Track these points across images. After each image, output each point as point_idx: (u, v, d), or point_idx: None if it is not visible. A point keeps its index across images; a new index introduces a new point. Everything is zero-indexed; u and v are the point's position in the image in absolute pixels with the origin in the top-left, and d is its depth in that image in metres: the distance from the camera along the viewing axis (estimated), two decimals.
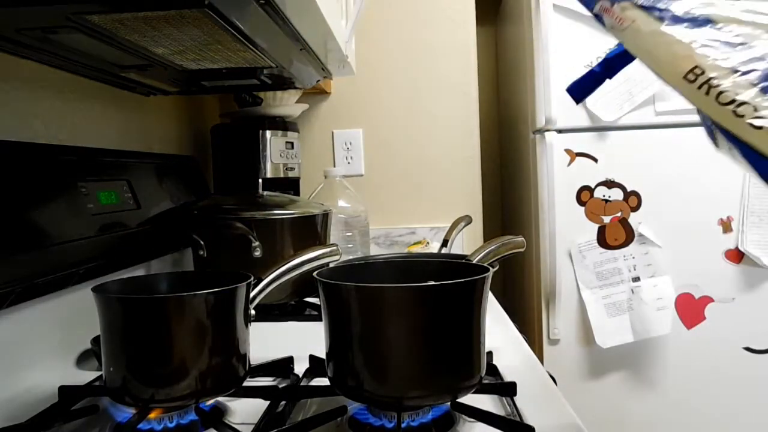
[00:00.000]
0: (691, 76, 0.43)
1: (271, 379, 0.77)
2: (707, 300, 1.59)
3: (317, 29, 0.89)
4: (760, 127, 0.41)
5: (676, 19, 0.46)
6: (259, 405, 0.65)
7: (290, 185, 1.51)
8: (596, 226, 1.59)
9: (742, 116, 0.41)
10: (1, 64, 0.81)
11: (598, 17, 0.53)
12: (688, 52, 0.44)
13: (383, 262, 0.80)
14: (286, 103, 1.49)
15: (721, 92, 0.42)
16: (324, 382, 0.67)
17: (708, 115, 0.44)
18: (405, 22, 1.70)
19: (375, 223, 1.66)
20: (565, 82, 0.62)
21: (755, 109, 0.41)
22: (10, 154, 0.78)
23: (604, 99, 1.56)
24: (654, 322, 1.56)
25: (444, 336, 0.58)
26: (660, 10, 0.47)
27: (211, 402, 0.67)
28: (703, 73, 0.43)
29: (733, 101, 0.41)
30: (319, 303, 0.71)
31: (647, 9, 0.48)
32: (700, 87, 0.43)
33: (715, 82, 0.42)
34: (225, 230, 1.07)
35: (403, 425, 0.59)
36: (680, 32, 0.45)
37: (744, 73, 0.42)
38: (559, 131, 1.58)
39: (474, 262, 0.69)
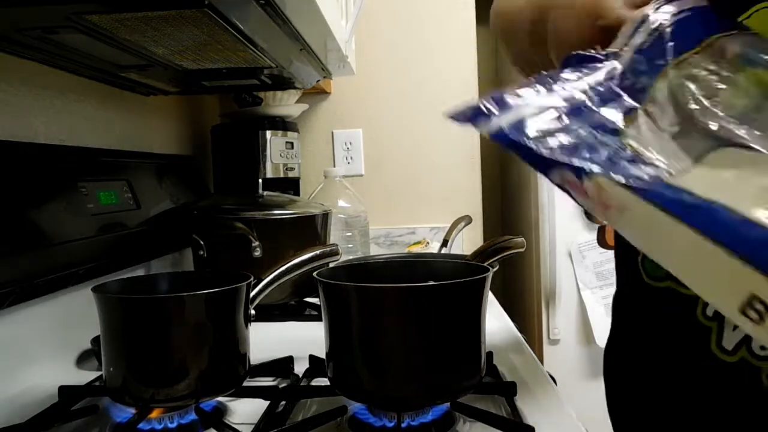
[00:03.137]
0: (752, 313, 0.26)
1: (271, 379, 0.77)
2: None
3: (317, 29, 0.89)
4: None
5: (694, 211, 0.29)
6: (259, 405, 0.65)
7: (290, 185, 1.51)
8: (596, 226, 1.59)
9: None
10: (1, 64, 0.81)
11: (562, 188, 0.36)
12: (746, 276, 0.26)
13: (383, 262, 0.80)
14: (286, 103, 1.49)
15: None
16: (324, 382, 0.67)
17: None
18: (405, 21, 1.70)
19: (375, 223, 1.66)
20: None
21: None
22: (10, 154, 0.78)
23: None
24: None
25: (444, 336, 0.58)
26: (669, 194, 0.30)
27: (211, 402, 0.67)
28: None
29: None
30: (319, 303, 0.71)
31: (642, 192, 0.30)
32: None
33: None
34: (225, 230, 1.07)
35: (403, 425, 0.59)
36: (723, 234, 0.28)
37: None
38: None
39: (474, 262, 0.69)
